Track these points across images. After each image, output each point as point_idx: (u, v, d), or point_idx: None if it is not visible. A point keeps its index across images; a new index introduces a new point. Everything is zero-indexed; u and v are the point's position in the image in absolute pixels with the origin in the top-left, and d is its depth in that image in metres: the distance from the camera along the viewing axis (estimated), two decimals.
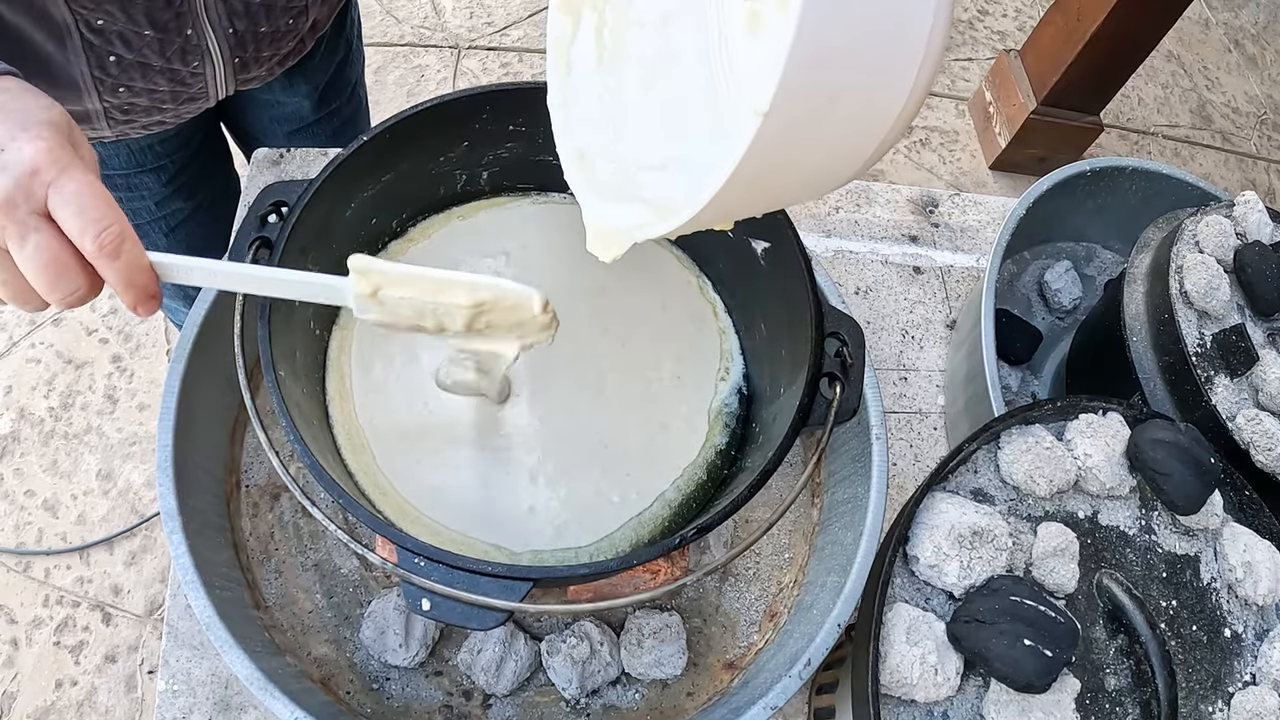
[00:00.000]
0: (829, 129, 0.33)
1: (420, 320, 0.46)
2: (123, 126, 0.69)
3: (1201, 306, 0.68)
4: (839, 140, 0.34)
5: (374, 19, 1.96)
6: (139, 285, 0.40)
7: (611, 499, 0.56)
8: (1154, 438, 0.53)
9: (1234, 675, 0.52)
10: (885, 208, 0.93)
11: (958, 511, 0.48)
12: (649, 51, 0.43)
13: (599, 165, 0.45)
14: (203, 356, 0.61)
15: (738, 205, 0.38)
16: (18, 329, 1.51)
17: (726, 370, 0.62)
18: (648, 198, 0.41)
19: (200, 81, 0.68)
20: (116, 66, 0.61)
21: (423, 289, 0.45)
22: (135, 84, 0.63)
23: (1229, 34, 2.45)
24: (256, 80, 0.74)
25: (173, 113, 0.70)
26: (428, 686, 0.63)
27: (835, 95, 0.31)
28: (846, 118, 0.33)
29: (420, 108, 0.56)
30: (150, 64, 0.62)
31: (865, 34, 0.31)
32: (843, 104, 0.32)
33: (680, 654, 0.63)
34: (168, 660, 0.61)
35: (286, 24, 0.69)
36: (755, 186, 0.35)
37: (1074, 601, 0.50)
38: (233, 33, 0.65)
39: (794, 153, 0.33)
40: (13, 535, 1.34)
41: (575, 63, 0.46)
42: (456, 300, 0.45)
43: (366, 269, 0.44)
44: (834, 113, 0.32)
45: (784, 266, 0.55)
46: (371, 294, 0.44)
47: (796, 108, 0.30)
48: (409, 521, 0.53)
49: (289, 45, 0.72)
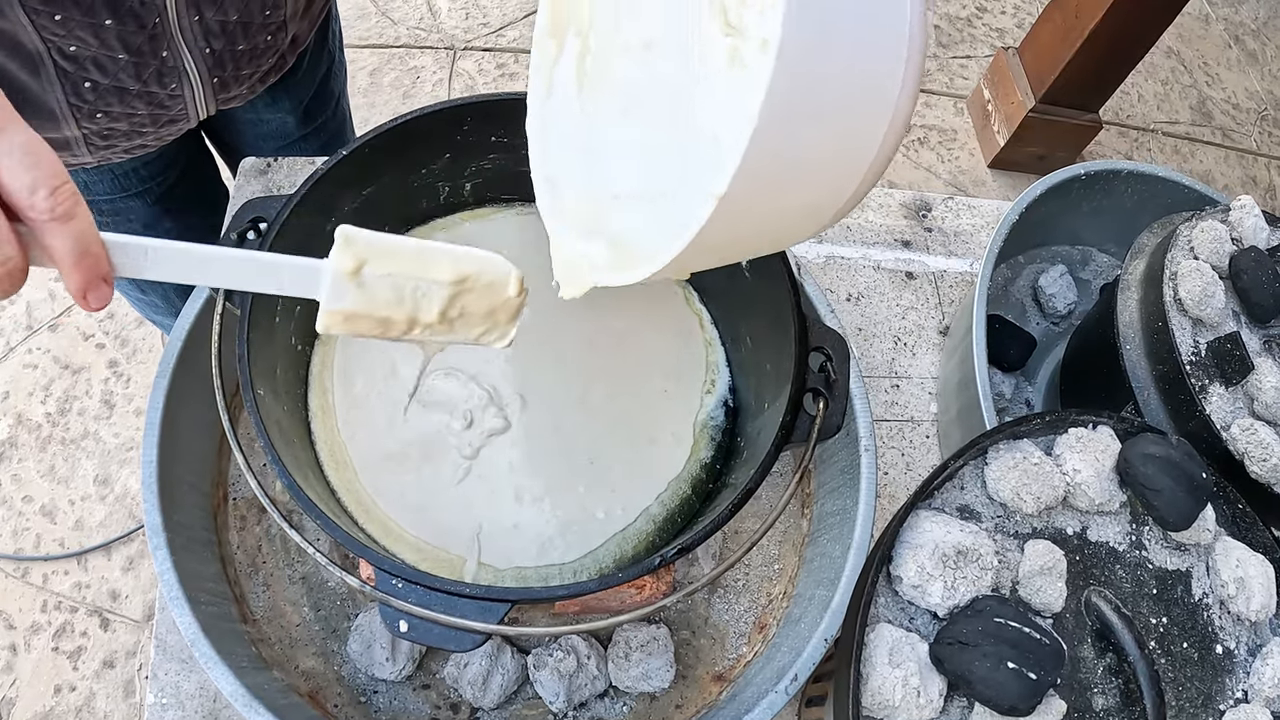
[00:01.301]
0: (795, 189, 0.33)
1: (395, 309, 0.42)
2: (104, 152, 0.68)
3: (1196, 314, 0.67)
4: (805, 198, 0.34)
5: (369, 20, 1.96)
6: (92, 259, 0.34)
7: (596, 515, 0.55)
8: (1144, 452, 0.52)
9: (1225, 693, 0.52)
10: (878, 212, 0.92)
11: (942, 530, 0.47)
12: (630, 78, 0.43)
13: (569, 195, 0.44)
14: (188, 370, 0.61)
15: (698, 263, 0.38)
16: (14, 334, 1.51)
17: (712, 383, 0.61)
18: (613, 234, 0.41)
19: (179, 103, 0.67)
20: (92, 93, 0.60)
21: (407, 262, 0.42)
22: (113, 109, 0.62)
23: (1229, 29, 2.43)
24: (238, 99, 0.73)
25: (154, 135, 0.69)
26: (415, 700, 0.63)
27: (801, 156, 0.31)
28: (813, 175, 0.33)
29: (401, 120, 0.55)
30: (127, 88, 0.61)
31: (836, 89, 0.31)
32: (808, 164, 0.32)
33: (668, 667, 0.62)
34: (157, 673, 0.61)
35: (265, 41, 0.68)
36: (716, 249, 0.35)
37: (1061, 620, 0.49)
38: (210, 52, 0.64)
39: (758, 213, 0.33)
40: (11, 541, 1.35)
41: (556, 86, 0.46)
42: (440, 275, 0.42)
43: (353, 238, 0.41)
44: (800, 172, 0.32)
45: (769, 279, 0.55)
46: (355, 270, 0.41)
47: (763, 170, 0.30)
48: (392, 539, 0.53)
49: (269, 62, 0.71)
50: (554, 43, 0.45)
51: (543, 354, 0.60)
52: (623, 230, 0.40)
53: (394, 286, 0.42)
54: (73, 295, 0.36)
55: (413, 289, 0.42)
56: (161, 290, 0.90)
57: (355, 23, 1.93)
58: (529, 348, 0.60)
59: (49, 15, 0.54)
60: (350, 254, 0.41)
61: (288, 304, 0.55)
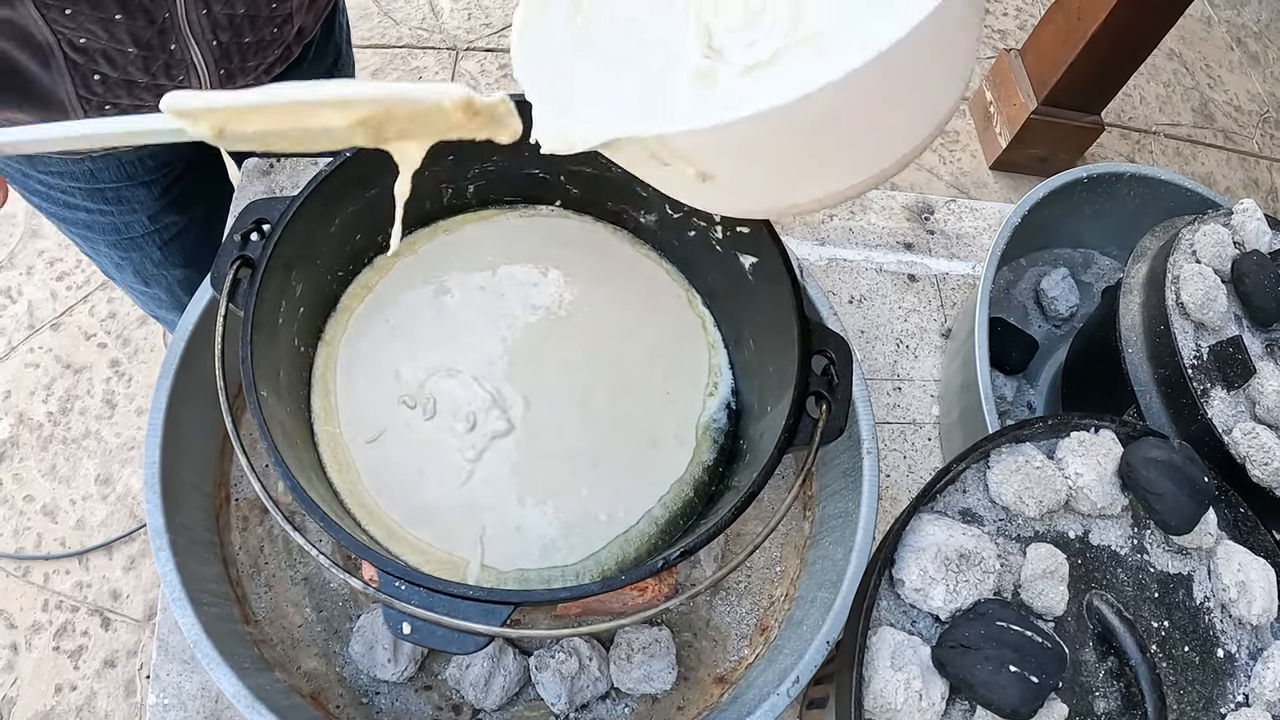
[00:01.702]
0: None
1: (305, 143, 0.37)
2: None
3: (1198, 318, 0.67)
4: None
5: (371, 21, 1.96)
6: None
7: (599, 517, 0.55)
8: (1146, 456, 0.52)
9: (1226, 696, 0.52)
10: (880, 214, 0.92)
11: (945, 534, 0.47)
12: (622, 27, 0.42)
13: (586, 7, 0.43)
14: (190, 372, 0.61)
15: (734, 159, 0.35)
16: (16, 333, 1.51)
17: (715, 385, 0.61)
18: (644, 74, 0.40)
19: None
20: (101, 85, 0.60)
21: (280, 118, 0.36)
22: (121, 102, 0.63)
23: (1231, 32, 2.43)
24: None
25: None
26: (417, 701, 0.63)
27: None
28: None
29: None
30: (136, 81, 0.62)
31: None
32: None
33: (670, 669, 0.62)
34: (159, 674, 0.61)
35: (271, 33, 0.68)
36: (779, 144, 0.34)
37: (1063, 624, 0.49)
38: (217, 45, 0.64)
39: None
40: (12, 540, 1.35)
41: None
42: (331, 123, 0.36)
43: (185, 109, 0.35)
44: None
45: (772, 282, 0.55)
46: (217, 134, 0.36)
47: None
48: (395, 541, 0.53)
49: (275, 54, 0.72)
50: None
51: (546, 355, 0.60)
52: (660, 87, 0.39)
53: (281, 136, 0.36)
54: None
55: (306, 134, 0.36)
56: (165, 283, 0.91)
57: (358, 23, 1.93)
58: (532, 349, 0.60)
59: (59, 9, 0.54)
60: (195, 124, 0.36)
61: (291, 305, 0.55)
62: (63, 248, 1.58)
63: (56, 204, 0.77)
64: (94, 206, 0.77)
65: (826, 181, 0.36)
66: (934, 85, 0.34)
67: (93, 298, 1.56)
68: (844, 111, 0.32)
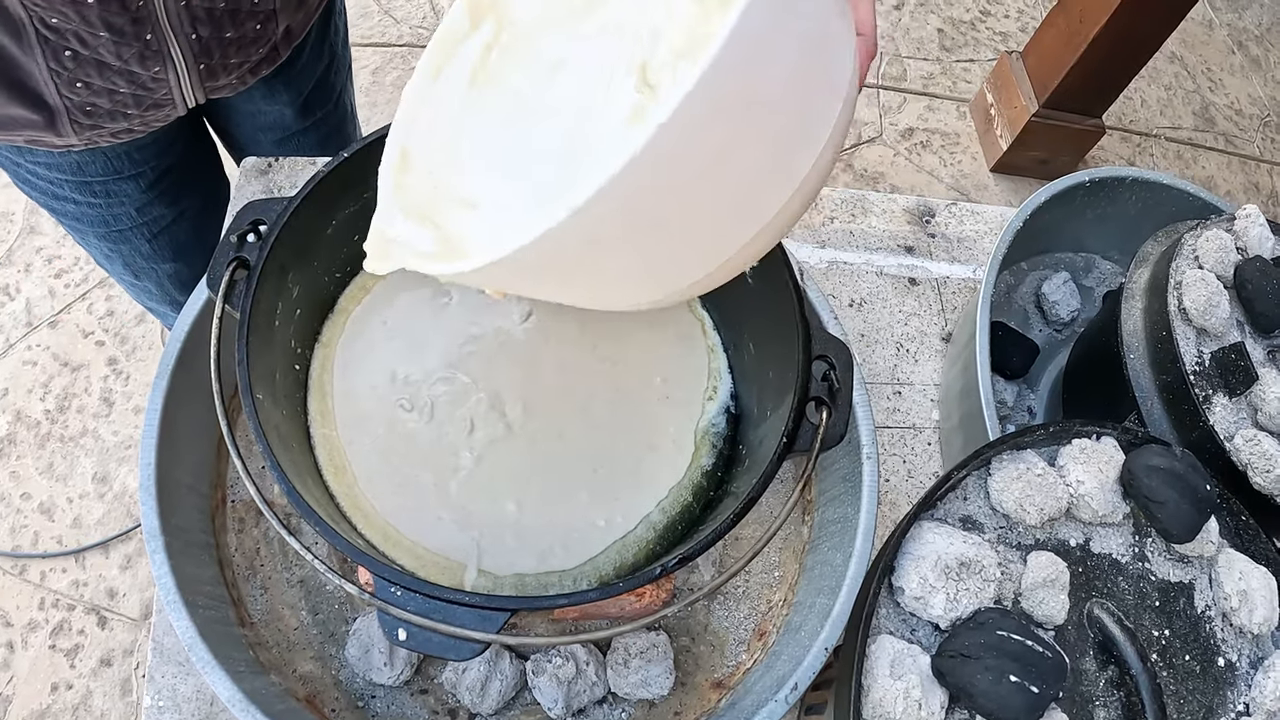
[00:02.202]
0: (634, 249, 0.31)
1: None
2: (89, 133, 0.68)
3: (1200, 324, 0.67)
4: (637, 263, 0.32)
5: (371, 19, 1.95)
6: None
7: (597, 522, 0.55)
8: (1148, 464, 0.52)
9: (1227, 706, 0.52)
10: (881, 218, 0.92)
11: (945, 541, 0.47)
12: (526, 92, 0.41)
13: (416, 175, 0.42)
14: (186, 372, 0.61)
15: (512, 280, 0.35)
16: (14, 331, 1.51)
17: (714, 389, 0.61)
18: (445, 229, 0.39)
19: (164, 87, 0.67)
20: (72, 60, 0.60)
21: None
22: (93, 82, 0.62)
23: (1232, 35, 2.43)
24: (228, 88, 0.73)
25: (139, 119, 0.69)
26: (413, 705, 0.62)
27: (654, 219, 0.30)
28: (655, 245, 0.31)
29: None
30: (107, 63, 0.61)
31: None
32: (658, 230, 0.30)
33: (667, 674, 0.62)
34: (154, 676, 0.61)
35: (254, 30, 0.68)
36: (530, 271, 0.33)
37: (1064, 632, 0.49)
38: (196, 38, 0.64)
39: (586, 255, 0.31)
40: (9, 538, 1.34)
41: (450, 69, 0.44)
42: None
43: None
44: (646, 236, 0.30)
45: (773, 285, 0.54)
46: None
47: (609, 214, 0.29)
48: (391, 545, 0.53)
49: (259, 53, 0.71)
50: (470, 21, 0.43)
51: (544, 359, 0.60)
52: (457, 232, 0.39)
53: None
54: None
55: None
56: (155, 277, 0.90)
57: (358, 21, 1.92)
58: (531, 352, 0.60)
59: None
60: None
61: (287, 307, 0.55)
62: (60, 245, 1.58)
63: (46, 194, 0.77)
64: (81, 199, 0.77)
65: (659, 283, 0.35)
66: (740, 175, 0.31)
67: (91, 295, 1.55)
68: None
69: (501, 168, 0.40)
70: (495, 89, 0.42)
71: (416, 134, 0.43)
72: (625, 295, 0.36)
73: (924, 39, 2.18)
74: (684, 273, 0.34)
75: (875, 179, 1.93)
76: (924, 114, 2.05)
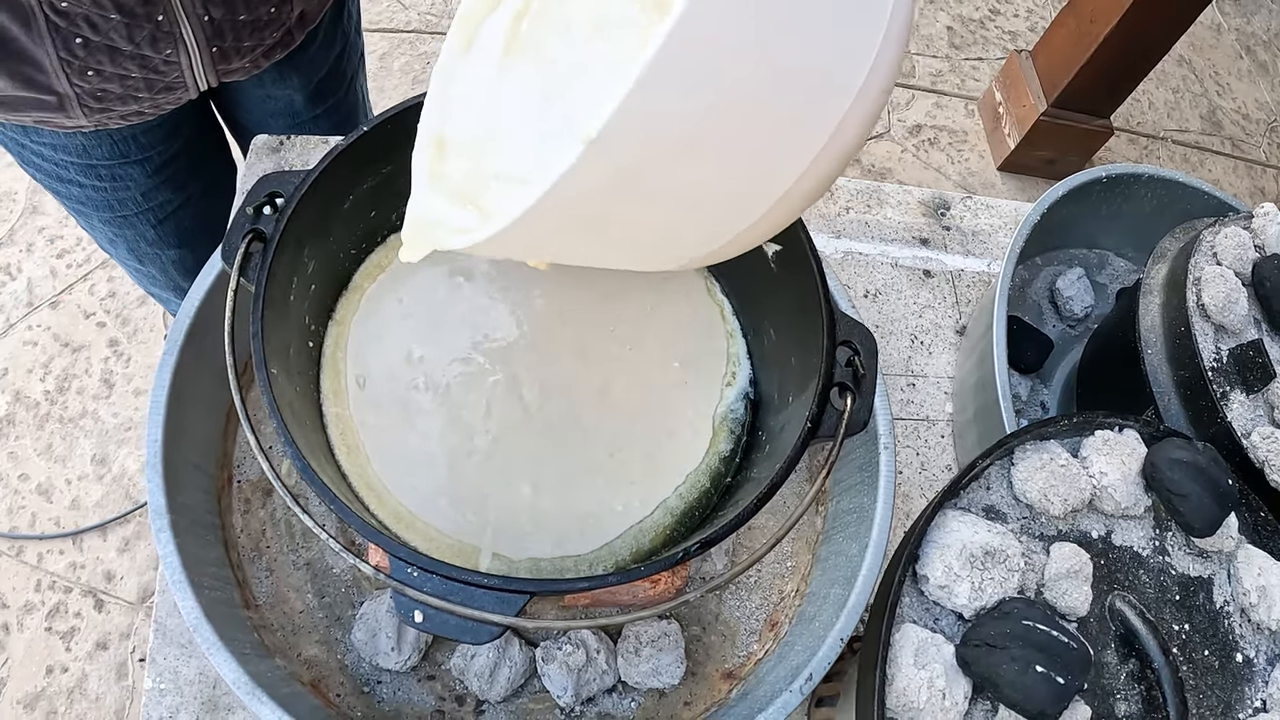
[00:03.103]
0: (677, 178, 0.28)
1: None
2: (99, 116, 0.67)
3: (1219, 320, 0.67)
4: (669, 210, 0.30)
5: (380, 5, 1.94)
6: None
7: (614, 507, 0.54)
8: (1171, 457, 0.52)
9: (1245, 701, 0.51)
10: (896, 209, 0.91)
11: (969, 530, 0.46)
12: (563, 59, 0.39)
13: (453, 158, 0.40)
14: (195, 349, 0.60)
15: (562, 238, 0.33)
16: (15, 311, 1.49)
17: (733, 375, 0.60)
18: (487, 208, 0.37)
19: (176, 70, 0.66)
20: (83, 49, 0.59)
21: None
22: (104, 68, 0.61)
23: (1241, 40, 2.43)
24: (240, 72, 0.72)
25: (150, 102, 0.68)
26: (420, 691, 0.61)
27: (691, 140, 0.27)
28: (708, 170, 0.29)
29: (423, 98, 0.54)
30: (118, 48, 0.60)
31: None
32: (704, 152, 0.27)
33: (678, 663, 0.61)
34: (155, 658, 0.60)
35: (268, 13, 0.67)
36: (578, 219, 0.31)
37: (1086, 624, 0.48)
38: (209, 20, 0.63)
39: (630, 195, 0.29)
40: (6, 519, 1.33)
41: (480, 42, 0.42)
42: None
43: None
44: (685, 163, 0.28)
45: (796, 271, 0.54)
46: None
47: (633, 143, 0.26)
48: (404, 526, 0.52)
49: (273, 36, 0.70)
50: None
51: (562, 341, 0.59)
52: (500, 209, 0.37)
53: None
54: None
55: None
56: (160, 263, 0.89)
57: (367, 7, 1.91)
58: (548, 335, 0.59)
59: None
60: None
61: (303, 282, 0.54)
62: (63, 225, 1.56)
63: (51, 176, 0.76)
64: (87, 182, 0.76)
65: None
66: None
67: (93, 276, 1.54)
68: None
69: (540, 141, 0.39)
70: (531, 57, 0.40)
71: (450, 116, 0.42)
72: (663, 248, 0.34)
73: (933, 36, 2.18)
74: (725, 218, 0.32)
75: (883, 174, 1.93)
76: (932, 111, 2.04)
